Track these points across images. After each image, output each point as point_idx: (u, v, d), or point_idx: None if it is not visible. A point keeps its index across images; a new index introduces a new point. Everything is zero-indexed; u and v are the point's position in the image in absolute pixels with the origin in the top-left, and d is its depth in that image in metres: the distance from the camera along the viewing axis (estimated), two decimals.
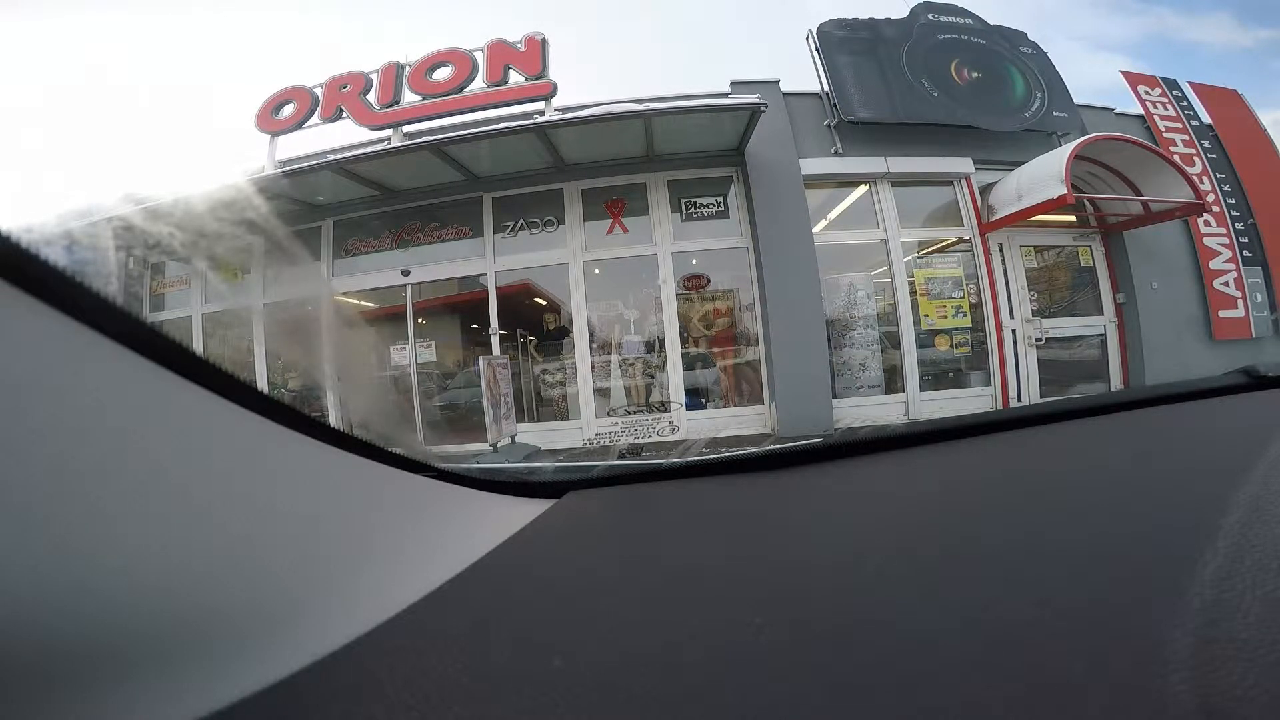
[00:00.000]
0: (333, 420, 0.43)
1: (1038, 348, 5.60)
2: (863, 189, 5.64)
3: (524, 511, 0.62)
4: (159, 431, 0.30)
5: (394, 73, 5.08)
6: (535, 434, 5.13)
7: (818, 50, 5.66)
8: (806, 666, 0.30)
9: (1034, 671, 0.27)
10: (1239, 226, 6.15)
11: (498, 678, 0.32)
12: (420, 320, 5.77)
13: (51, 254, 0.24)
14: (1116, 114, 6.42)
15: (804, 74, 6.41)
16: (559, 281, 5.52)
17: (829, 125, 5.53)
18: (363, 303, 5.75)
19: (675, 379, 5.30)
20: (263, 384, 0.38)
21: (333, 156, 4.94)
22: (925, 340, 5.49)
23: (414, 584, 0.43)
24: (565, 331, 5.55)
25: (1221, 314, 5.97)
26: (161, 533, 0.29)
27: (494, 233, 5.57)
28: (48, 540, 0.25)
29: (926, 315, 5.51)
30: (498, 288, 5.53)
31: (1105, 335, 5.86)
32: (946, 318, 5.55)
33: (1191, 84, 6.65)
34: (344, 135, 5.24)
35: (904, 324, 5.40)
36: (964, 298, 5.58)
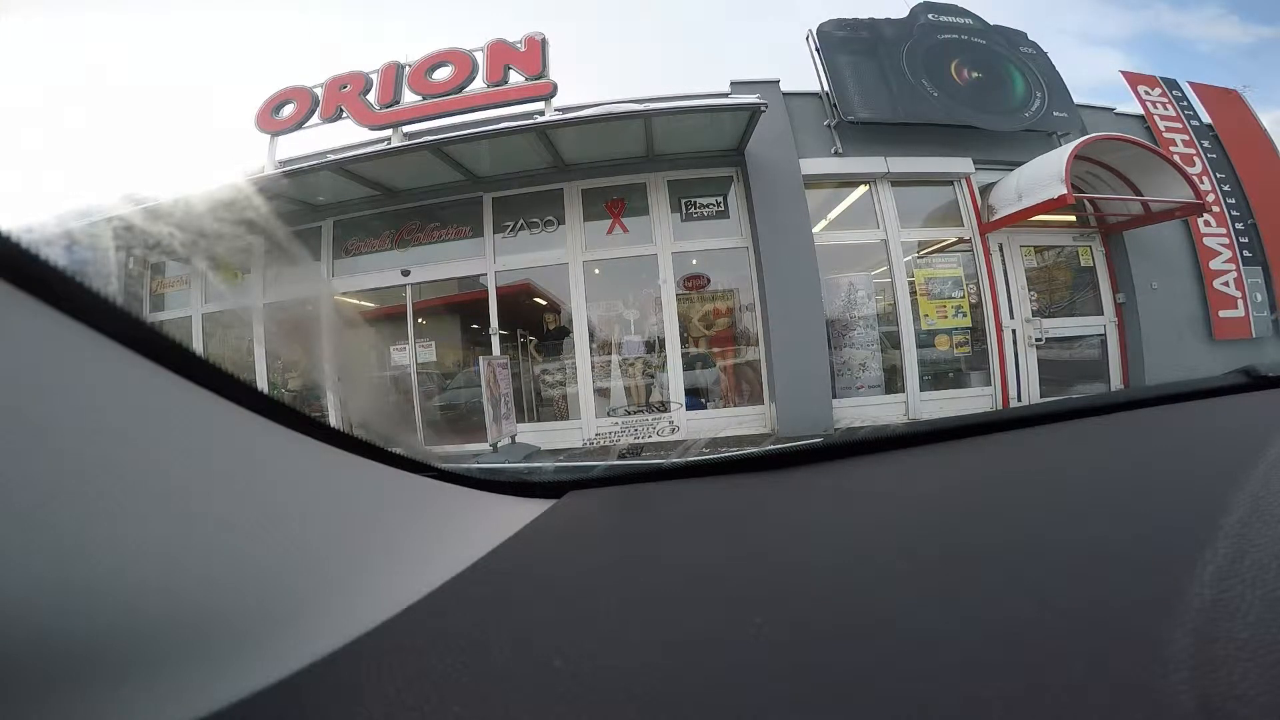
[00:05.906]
0: (333, 420, 0.43)
1: (1038, 348, 5.60)
2: (863, 189, 5.64)
3: (524, 511, 0.62)
4: (159, 431, 0.30)
5: (394, 73, 5.08)
6: (535, 434, 5.14)
7: (818, 50, 5.67)
8: (806, 666, 0.30)
9: (1034, 671, 0.27)
10: (1239, 226, 6.15)
11: (498, 678, 0.32)
12: (420, 320, 5.77)
13: (51, 254, 0.24)
14: (1116, 114, 6.43)
15: (804, 74, 6.43)
16: (559, 281, 5.52)
17: (829, 125, 5.53)
18: (363, 303, 5.75)
19: (675, 379, 5.30)
20: (263, 384, 0.38)
21: (333, 156, 4.94)
22: (925, 340, 5.49)
23: (414, 584, 0.43)
24: (565, 331, 5.54)
25: (1221, 314, 5.97)
26: (161, 533, 0.29)
27: (494, 233, 5.57)
28: (48, 540, 0.25)
29: (926, 315, 5.51)
30: (498, 288, 5.53)
31: (1105, 335, 5.86)
32: (946, 318, 5.55)
33: (1191, 84, 6.66)
34: (344, 135, 5.26)
35: (904, 324, 5.40)
36: (964, 298, 5.58)
